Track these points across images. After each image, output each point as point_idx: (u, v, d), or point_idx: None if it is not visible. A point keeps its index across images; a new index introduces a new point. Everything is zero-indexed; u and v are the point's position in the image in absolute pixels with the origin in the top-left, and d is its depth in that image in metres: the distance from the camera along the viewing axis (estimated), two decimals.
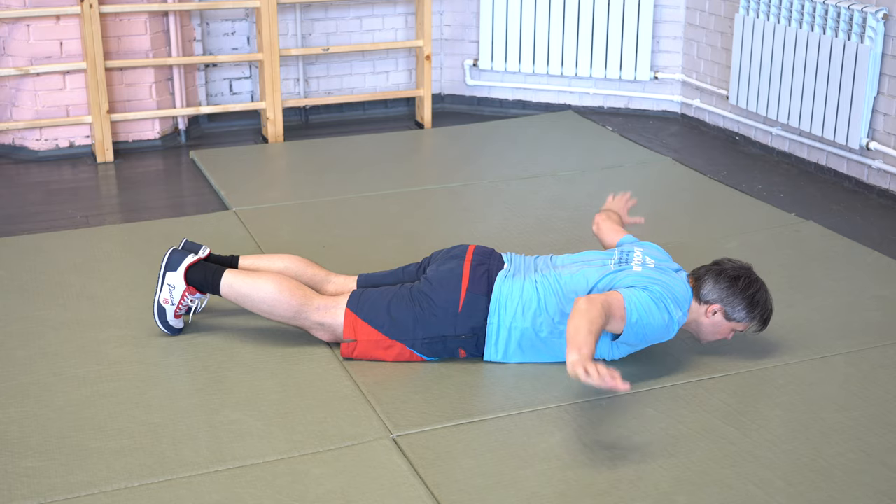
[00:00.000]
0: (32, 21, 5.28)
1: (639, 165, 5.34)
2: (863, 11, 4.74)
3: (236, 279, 3.35)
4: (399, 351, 3.28)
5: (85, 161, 5.47)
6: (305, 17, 6.07)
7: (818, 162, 5.23)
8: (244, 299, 3.34)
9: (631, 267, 3.22)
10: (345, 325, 3.27)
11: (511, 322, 3.21)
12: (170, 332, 3.46)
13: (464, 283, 3.24)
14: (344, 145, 5.71)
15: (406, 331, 3.25)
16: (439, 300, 3.23)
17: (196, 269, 3.40)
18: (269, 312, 3.33)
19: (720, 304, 3.20)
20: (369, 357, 3.30)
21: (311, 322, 3.32)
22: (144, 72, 5.57)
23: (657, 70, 6.17)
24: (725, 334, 3.27)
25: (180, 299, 3.40)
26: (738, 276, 3.21)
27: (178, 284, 3.39)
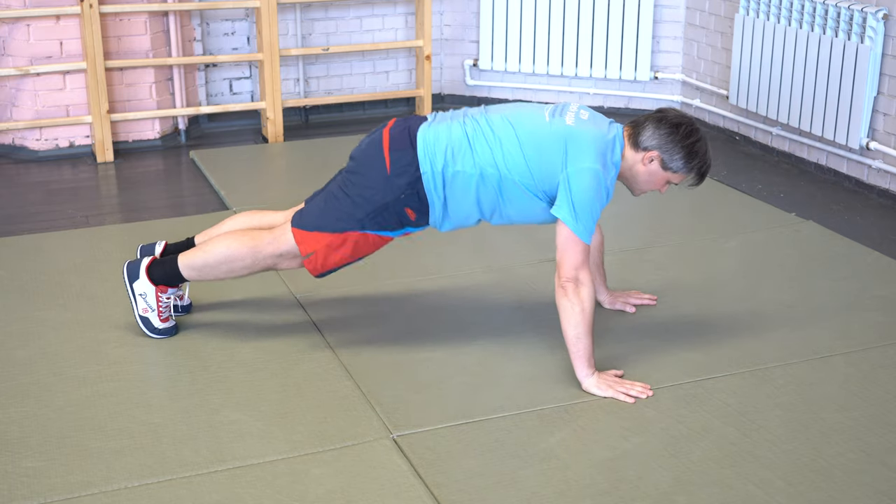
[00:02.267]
0: (32, 21, 5.28)
1: None
2: (863, 11, 4.74)
3: (189, 257, 3.33)
4: (355, 241, 3.19)
5: (85, 161, 5.47)
6: (305, 17, 6.07)
7: (818, 162, 5.23)
8: (206, 270, 3.31)
9: (564, 119, 3.11)
10: (297, 244, 3.22)
11: (443, 167, 3.10)
12: (164, 335, 3.45)
13: (385, 145, 3.15)
14: (344, 145, 5.66)
15: (349, 217, 3.17)
16: (367, 171, 3.16)
17: (155, 268, 3.37)
18: (231, 271, 3.29)
19: (658, 150, 3.11)
20: (335, 263, 3.23)
21: (270, 258, 3.26)
22: (144, 72, 5.57)
23: (657, 70, 6.17)
24: (660, 185, 3.19)
25: (157, 303, 3.39)
26: (679, 124, 3.11)
27: (147, 289, 3.37)
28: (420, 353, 3.37)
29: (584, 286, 3.05)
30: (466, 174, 3.11)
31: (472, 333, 3.49)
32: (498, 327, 3.54)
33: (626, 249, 4.22)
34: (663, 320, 3.59)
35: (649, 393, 3.09)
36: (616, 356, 3.35)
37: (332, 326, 3.53)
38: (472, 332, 3.50)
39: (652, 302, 3.68)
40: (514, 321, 3.58)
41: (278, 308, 3.71)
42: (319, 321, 3.58)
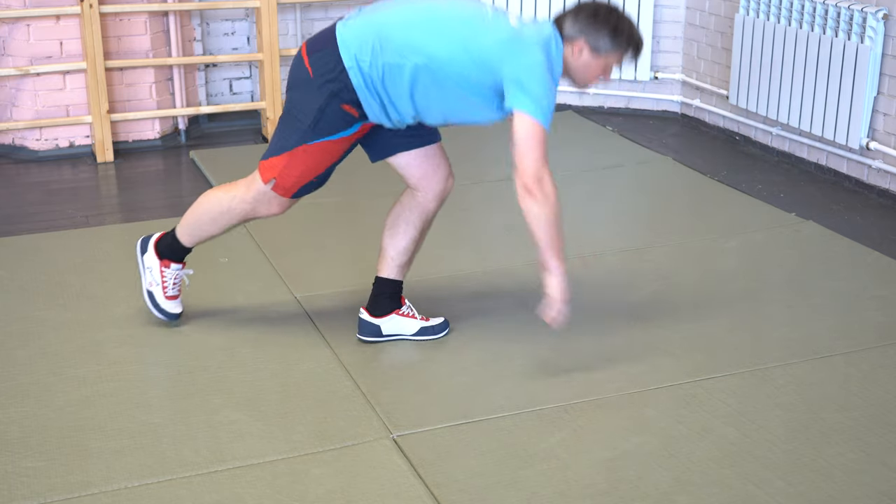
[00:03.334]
0: (32, 21, 5.28)
1: (639, 165, 5.34)
2: (863, 11, 4.74)
3: (182, 220, 3.40)
4: (304, 154, 3.12)
5: (85, 161, 5.47)
6: (305, 17, 6.07)
7: (818, 162, 5.23)
8: (199, 228, 3.37)
9: (507, 18, 3.05)
10: (263, 178, 3.20)
11: (371, 59, 3.00)
12: (167, 317, 3.48)
13: (304, 54, 3.10)
14: None
15: (295, 132, 3.12)
16: (297, 85, 3.13)
17: (162, 241, 3.46)
18: (214, 220, 3.32)
19: (583, 37, 3.04)
20: (297, 179, 3.17)
21: (246, 202, 3.25)
22: (144, 72, 5.57)
23: (657, 70, 6.17)
24: (599, 72, 3.10)
25: (161, 277, 3.44)
26: (597, 8, 3.07)
27: (153, 263, 3.44)
28: (420, 353, 3.37)
29: (547, 181, 2.98)
30: (398, 65, 3.01)
31: (471, 334, 3.49)
32: (497, 328, 3.54)
33: (626, 249, 4.22)
34: (663, 320, 3.59)
35: (561, 318, 3.08)
36: (615, 355, 3.35)
37: (332, 326, 3.53)
38: (472, 333, 3.49)
39: None
40: (514, 322, 3.58)
41: (278, 308, 3.71)
42: (319, 321, 3.58)
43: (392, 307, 3.40)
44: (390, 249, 3.37)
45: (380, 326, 3.40)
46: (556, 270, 3.08)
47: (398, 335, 3.42)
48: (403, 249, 3.37)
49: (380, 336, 3.41)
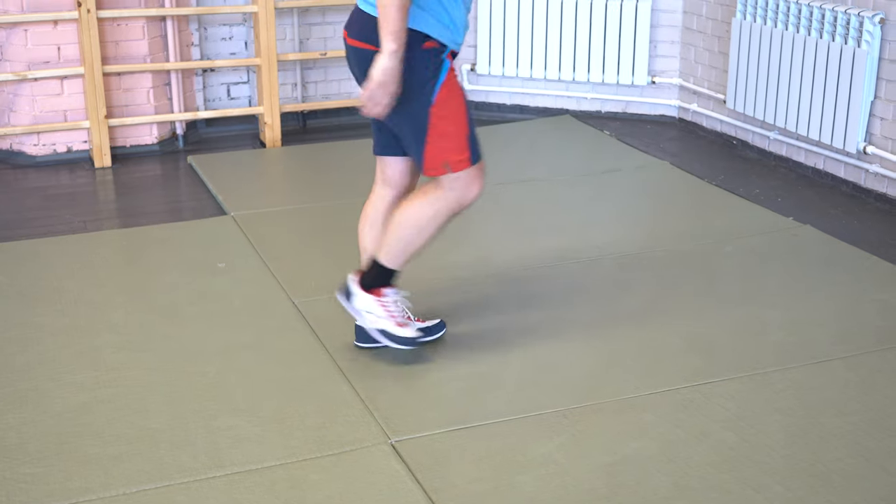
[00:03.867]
0: (30, 26, 5.28)
1: (637, 170, 5.35)
2: (859, 16, 4.75)
3: (384, 247, 3.21)
4: (439, 116, 3.03)
5: (83, 166, 5.47)
6: (303, 22, 6.07)
7: (815, 166, 5.23)
8: (409, 245, 3.17)
9: None
10: (438, 173, 3.08)
11: None
12: (411, 344, 3.29)
13: (359, 43, 3.05)
14: (341, 150, 5.71)
15: (414, 110, 3.02)
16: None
17: (366, 278, 3.28)
18: (426, 229, 3.14)
19: None
20: (459, 142, 3.06)
21: (450, 197, 3.10)
22: (142, 77, 5.57)
23: (654, 74, 6.17)
24: None
25: (384, 309, 3.26)
26: None
27: (366, 302, 3.26)
28: (418, 357, 3.36)
29: None
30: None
31: (469, 339, 3.49)
32: (495, 333, 3.54)
33: (625, 254, 4.22)
34: (661, 324, 3.59)
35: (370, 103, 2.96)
36: (613, 359, 3.35)
37: (330, 331, 3.53)
38: (470, 338, 3.49)
39: None
40: (512, 326, 3.58)
41: (276, 313, 3.71)
42: (317, 326, 3.57)
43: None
44: (371, 253, 3.32)
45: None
46: (385, 50, 2.88)
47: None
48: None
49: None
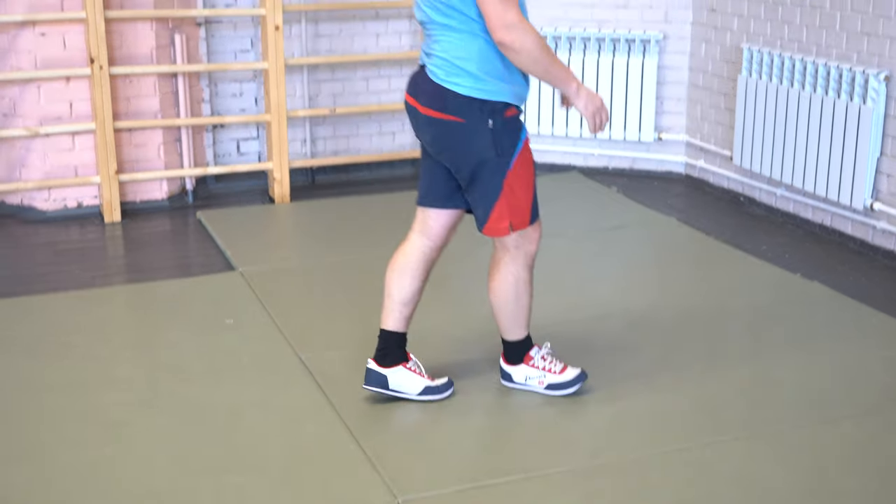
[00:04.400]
0: (43, 83, 5.34)
1: (644, 226, 5.36)
2: (864, 73, 4.78)
3: (501, 327, 3.42)
4: (513, 182, 3.19)
5: (92, 221, 5.50)
6: (313, 79, 6.13)
7: (823, 223, 5.24)
8: (516, 314, 3.38)
9: None
10: (501, 233, 3.25)
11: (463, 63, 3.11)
12: (579, 381, 3.45)
13: (437, 113, 3.19)
14: (350, 206, 5.74)
15: (491, 176, 3.19)
16: (454, 144, 3.19)
17: (510, 355, 3.47)
18: (521, 295, 3.36)
19: None
20: (525, 207, 3.23)
21: (517, 258, 3.31)
22: (153, 132, 5.62)
23: (661, 131, 6.21)
24: None
25: (541, 368, 3.43)
26: None
27: (521, 371, 3.46)
28: (426, 414, 3.35)
29: (516, 22, 2.98)
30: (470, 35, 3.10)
31: (477, 397, 3.48)
32: (503, 391, 3.52)
33: (632, 310, 4.21)
34: (669, 382, 3.58)
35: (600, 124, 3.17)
36: (621, 418, 3.34)
37: (337, 387, 3.52)
38: (477, 396, 3.48)
39: None
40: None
41: (283, 369, 3.70)
42: (324, 382, 3.57)
43: (400, 359, 3.41)
44: (397, 300, 3.39)
45: (387, 377, 3.39)
46: (573, 93, 3.16)
47: (403, 393, 3.41)
48: (409, 300, 3.40)
49: (385, 388, 3.39)
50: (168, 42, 5.58)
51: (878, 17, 4.76)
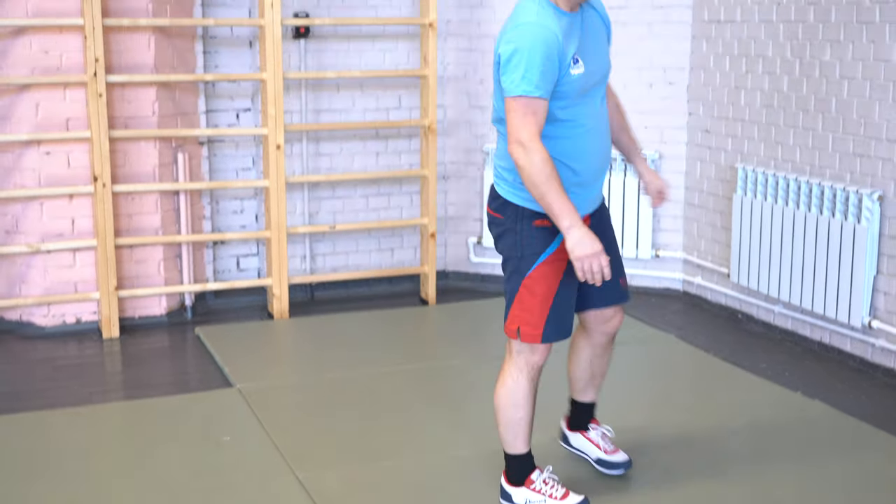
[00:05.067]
0: (46, 200, 5.40)
1: (642, 343, 5.35)
2: (858, 193, 4.85)
3: (502, 439, 3.46)
4: (528, 288, 3.29)
5: (91, 337, 5.49)
6: (313, 196, 6.20)
7: (821, 340, 5.24)
8: (514, 426, 3.42)
9: None
10: (510, 335, 3.36)
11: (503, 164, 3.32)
12: None
13: (489, 210, 3.40)
14: (349, 322, 5.74)
15: (512, 276, 3.33)
16: (496, 237, 3.39)
17: (509, 473, 3.48)
18: (520, 404, 3.40)
19: None
20: (536, 318, 3.29)
21: (520, 366, 3.38)
22: (154, 248, 5.66)
23: (658, 248, 6.26)
24: None
25: (540, 494, 3.43)
26: None
27: (521, 494, 3.45)
28: None
29: (526, 143, 3.06)
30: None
31: None
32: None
33: (630, 429, 4.18)
34: (670, 501, 3.53)
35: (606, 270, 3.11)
36: None
37: None
38: None
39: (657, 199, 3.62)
40: None
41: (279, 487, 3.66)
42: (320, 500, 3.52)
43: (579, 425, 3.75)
44: (570, 377, 3.70)
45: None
46: (564, 230, 3.10)
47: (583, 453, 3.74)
48: (575, 377, 3.70)
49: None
50: (171, 160, 5.67)
51: (869, 139, 4.84)
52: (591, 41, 3.25)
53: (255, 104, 6.00)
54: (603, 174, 3.38)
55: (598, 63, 3.26)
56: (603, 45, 3.33)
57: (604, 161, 3.35)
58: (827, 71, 5.06)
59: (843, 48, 4.96)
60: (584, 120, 3.24)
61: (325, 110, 6.13)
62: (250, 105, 6.01)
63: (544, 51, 3.05)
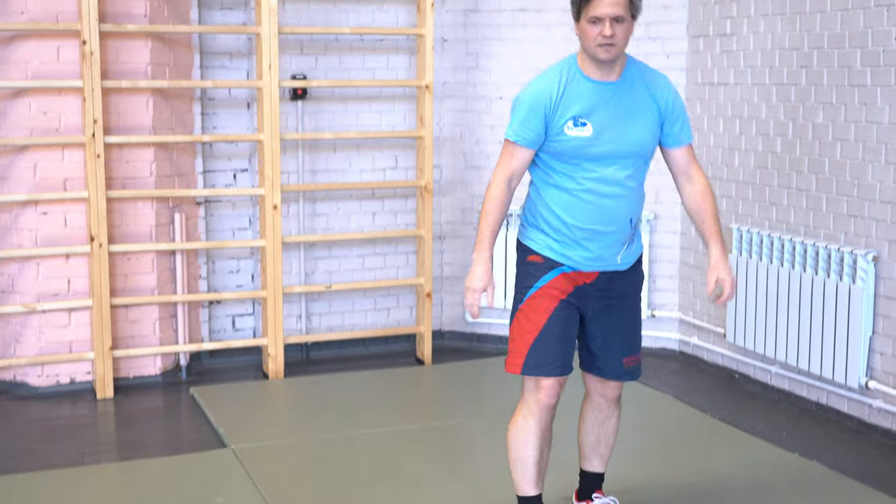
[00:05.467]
0: (42, 260, 5.41)
1: (640, 403, 5.33)
2: (853, 253, 4.86)
3: (513, 480, 3.56)
4: (518, 318, 3.49)
5: (85, 397, 5.46)
6: (309, 256, 6.21)
7: (819, 401, 5.22)
8: (524, 465, 3.52)
9: None
10: (511, 370, 3.52)
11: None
12: None
13: None
14: (344, 382, 5.72)
15: (513, 308, 3.53)
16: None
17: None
18: (528, 441, 3.52)
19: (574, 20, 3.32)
20: (519, 346, 3.47)
21: (524, 402, 3.54)
22: (149, 308, 5.65)
23: (655, 308, 6.26)
24: (592, 34, 3.23)
25: None
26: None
27: None
28: None
29: (493, 186, 3.40)
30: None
31: None
32: None
33: (627, 490, 4.15)
34: None
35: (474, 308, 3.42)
36: None
37: None
38: None
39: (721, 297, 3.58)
40: None
41: None
42: None
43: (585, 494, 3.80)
44: (578, 443, 3.81)
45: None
46: (474, 260, 3.45)
47: None
48: (581, 442, 3.79)
49: None
50: (168, 220, 5.68)
51: (862, 200, 4.87)
52: (622, 113, 3.33)
53: (252, 164, 6.03)
54: (607, 242, 3.42)
55: (623, 136, 3.33)
56: (639, 121, 3.36)
57: (607, 230, 3.40)
58: (820, 133, 5.11)
59: (835, 110, 5.01)
60: (589, 184, 3.34)
61: (321, 170, 6.16)
62: (247, 165, 6.04)
63: (530, 103, 3.32)
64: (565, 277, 3.43)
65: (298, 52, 6.04)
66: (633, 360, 3.58)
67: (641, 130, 3.36)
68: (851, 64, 4.90)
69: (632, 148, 3.35)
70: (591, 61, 3.30)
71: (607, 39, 3.20)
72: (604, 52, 3.23)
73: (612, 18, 3.19)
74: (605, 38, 3.20)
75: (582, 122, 3.27)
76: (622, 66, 3.33)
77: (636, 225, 3.48)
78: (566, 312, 3.42)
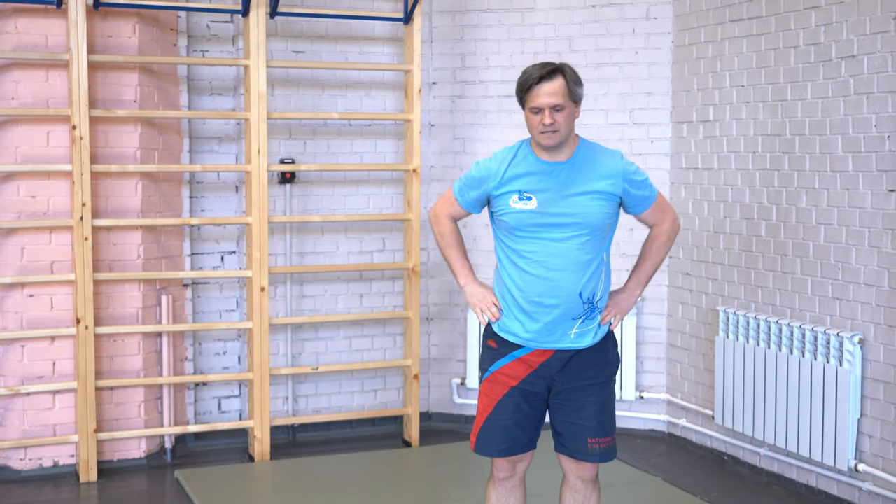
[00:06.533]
0: (28, 342, 5.38)
1: (629, 485, 5.30)
2: (839, 336, 4.88)
3: None
4: (479, 397, 3.69)
5: (68, 481, 5.40)
6: (296, 338, 6.20)
7: (808, 483, 5.20)
8: None
9: None
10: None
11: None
12: None
13: None
14: (331, 464, 5.67)
15: None
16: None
17: None
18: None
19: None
20: (475, 425, 3.70)
21: (494, 484, 3.76)
22: (135, 390, 5.62)
23: (642, 389, 6.25)
24: (534, 123, 3.44)
25: None
26: None
27: None
28: None
29: (440, 222, 3.73)
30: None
31: None
32: None
33: None
34: None
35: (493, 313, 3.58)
36: None
37: None
38: None
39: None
40: None
41: None
42: None
43: None
44: None
45: None
46: (461, 287, 3.70)
47: None
48: None
49: None
50: (155, 302, 5.68)
51: (847, 284, 4.91)
52: (569, 187, 3.47)
53: (240, 247, 6.05)
54: (554, 316, 3.48)
55: (569, 208, 3.45)
56: (586, 195, 3.48)
57: (553, 303, 3.46)
58: (803, 217, 5.16)
59: (818, 195, 5.07)
60: (536, 256, 3.46)
61: (309, 253, 6.19)
62: (235, 247, 6.06)
63: (477, 177, 3.62)
64: (520, 363, 3.54)
65: (287, 136, 6.11)
66: (601, 443, 3.57)
67: (588, 202, 3.47)
68: (833, 150, 4.98)
69: (577, 219, 3.45)
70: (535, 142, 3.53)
71: (548, 127, 3.42)
72: (546, 138, 3.45)
73: (552, 107, 3.40)
74: (546, 126, 3.42)
75: (527, 195, 3.46)
76: (573, 147, 3.51)
77: (595, 302, 3.49)
78: (515, 400, 3.57)
